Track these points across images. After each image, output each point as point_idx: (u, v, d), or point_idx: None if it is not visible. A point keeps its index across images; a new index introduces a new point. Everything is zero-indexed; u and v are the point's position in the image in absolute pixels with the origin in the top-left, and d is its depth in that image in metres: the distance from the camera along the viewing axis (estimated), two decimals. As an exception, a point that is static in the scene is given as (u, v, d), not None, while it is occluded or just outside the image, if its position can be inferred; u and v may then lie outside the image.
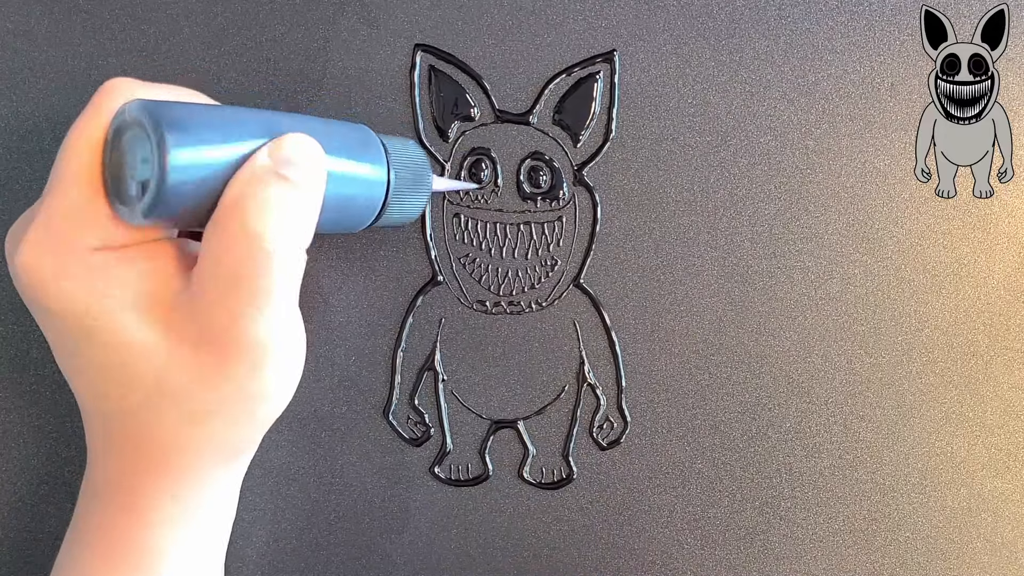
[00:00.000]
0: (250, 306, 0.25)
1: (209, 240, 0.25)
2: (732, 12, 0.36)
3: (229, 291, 0.25)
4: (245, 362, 0.25)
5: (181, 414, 0.26)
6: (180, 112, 0.24)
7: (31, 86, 0.35)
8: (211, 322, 0.25)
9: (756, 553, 0.36)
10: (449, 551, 0.36)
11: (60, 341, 0.27)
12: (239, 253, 0.25)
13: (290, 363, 0.27)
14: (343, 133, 0.29)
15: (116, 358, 0.26)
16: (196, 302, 0.25)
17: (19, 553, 0.36)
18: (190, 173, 0.24)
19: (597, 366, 0.36)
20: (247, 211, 0.24)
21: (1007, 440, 0.36)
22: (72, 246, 0.25)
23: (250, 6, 0.35)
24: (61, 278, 0.25)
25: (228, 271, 0.25)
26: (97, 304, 0.25)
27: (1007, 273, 0.36)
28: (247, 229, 0.24)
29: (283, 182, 0.25)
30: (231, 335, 0.25)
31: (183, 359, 0.25)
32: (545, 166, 0.36)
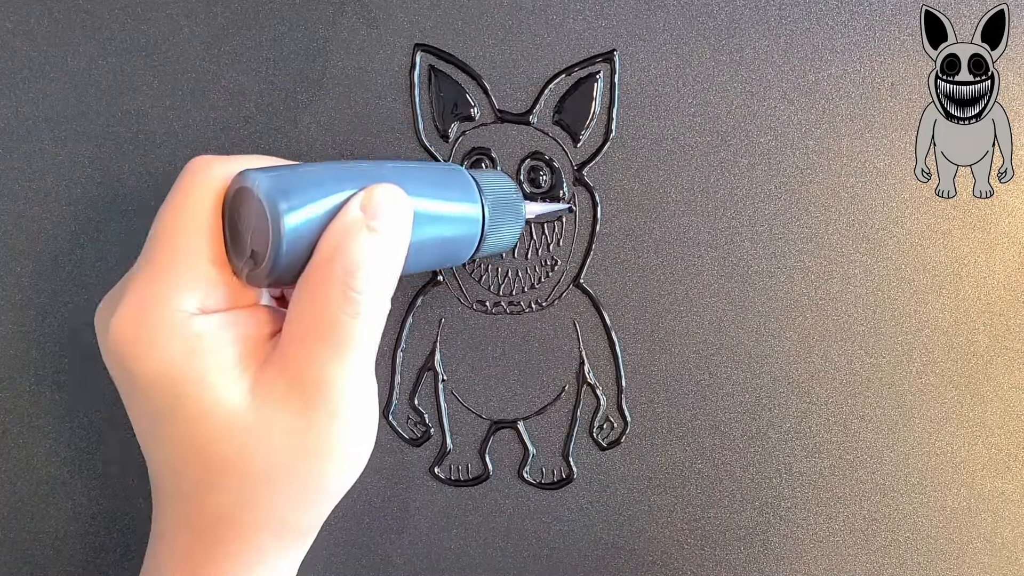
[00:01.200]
0: (339, 354, 0.26)
1: (301, 291, 0.26)
2: (732, 12, 0.36)
3: (319, 338, 0.26)
4: (324, 409, 0.26)
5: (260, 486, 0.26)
6: (291, 180, 0.26)
7: (31, 86, 0.35)
8: (299, 373, 0.26)
9: (756, 553, 0.36)
10: (449, 551, 0.36)
11: (146, 413, 0.27)
12: (332, 302, 0.26)
13: (366, 422, 0.28)
14: (436, 176, 0.30)
15: (202, 434, 0.26)
16: (285, 356, 0.26)
17: (19, 553, 0.36)
18: (301, 237, 0.26)
19: (597, 366, 0.36)
20: (340, 262, 0.26)
21: (1007, 440, 0.36)
22: (169, 312, 0.26)
23: (250, 6, 0.35)
24: (157, 346, 0.26)
25: (320, 319, 0.26)
26: (191, 370, 0.26)
27: (1007, 273, 0.36)
28: (340, 280, 0.26)
29: (371, 233, 0.26)
30: (318, 383, 0.26)
31: (268, 419, 0.26)
32: (545, 166, 0.36)
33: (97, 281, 0.35)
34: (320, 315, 0.26)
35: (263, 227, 0.25)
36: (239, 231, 0.26)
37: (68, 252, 0.35)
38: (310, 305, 0.26)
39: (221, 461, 0.26)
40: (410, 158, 0.36)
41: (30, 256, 0.36)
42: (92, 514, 0.36)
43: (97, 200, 0.35)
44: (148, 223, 0.27)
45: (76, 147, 0.35)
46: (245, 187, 0.26)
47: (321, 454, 0.27)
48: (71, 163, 0.35)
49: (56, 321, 0.35)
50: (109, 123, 0.35)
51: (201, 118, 0.35)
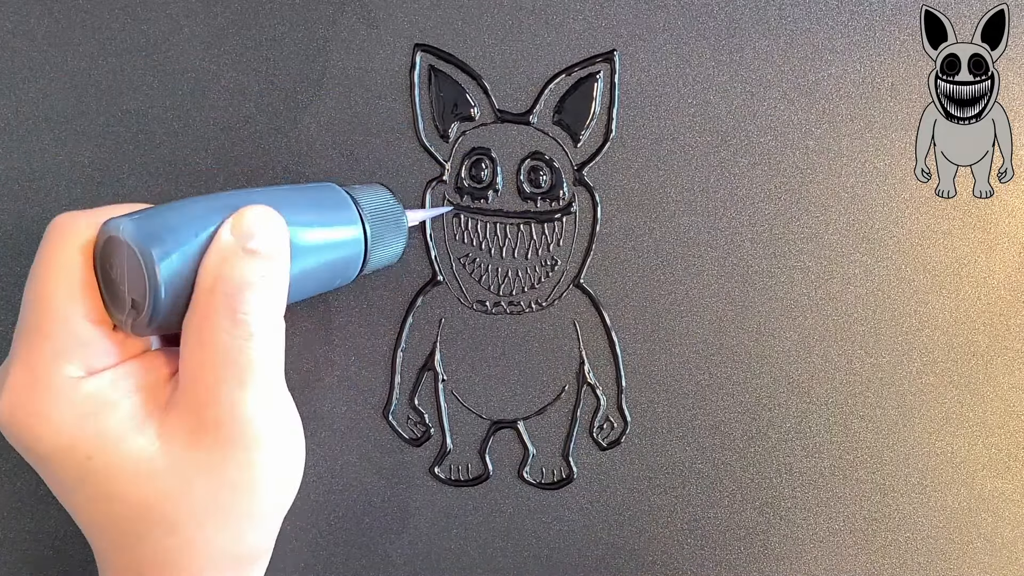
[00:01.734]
0: (239, 384, 0.25)
1: (189, 327, 0.25)
2: (732, 12, 0.36)
3: (215, 371, 0.25)
4: (237, 443, 0.26)
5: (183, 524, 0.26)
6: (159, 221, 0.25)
7: (31, 86, 0.35)
8: (203, 410, 0.25)
9: (756, 553, 0.36)
10: (449, 551, 0.36)
11: (60, 486, 0.27)
12: (222, 332, 0.25)
13: (284, 447, 0.27)
14: (310, 197, 0.29)
15: (117, 489, 0.25)
16: (187, 396, 0.26)
17: (19, 553, 0.36)
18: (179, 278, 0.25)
19: (597, 366, 0.36)
20: (220, 290, 0.25)
21: (1007, 440, 0.36)
22: (57, 382, 0.25)
23: (250, 6, 0.35)
24: (52, 419, 0.25)
25: (213, 351, 0.25)
26: (90, 433, 0.25)
27: (1007, 273, 0.36)
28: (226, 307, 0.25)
29: (249, 256, 0.25)
30: (223, 418, 0.25)
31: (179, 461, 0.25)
32: (545, 166, 0.36)
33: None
34: (213, 347, 0.25)
35: (138, 274, 0.24)
36: (114, 282, 0.25)
37: (68, 252, 0.35)
38: (200, 340, 0.25)
39: (143, 512, 0.26)
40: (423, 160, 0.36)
41: (30, 256, 0.35)
42: (92, 514, 0.36)
43: (97, 200, 0.35)
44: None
45: (76, 147, 0.35)
46: (113, 236, 0.25)
47: (244, 485, 0.26)
48: (71, 163, 0.35)
49: (56, 321, 0.35)
50: (109, 123, 0.35)
51: (201, 118, 0.35)
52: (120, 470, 0.25)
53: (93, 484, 0.26)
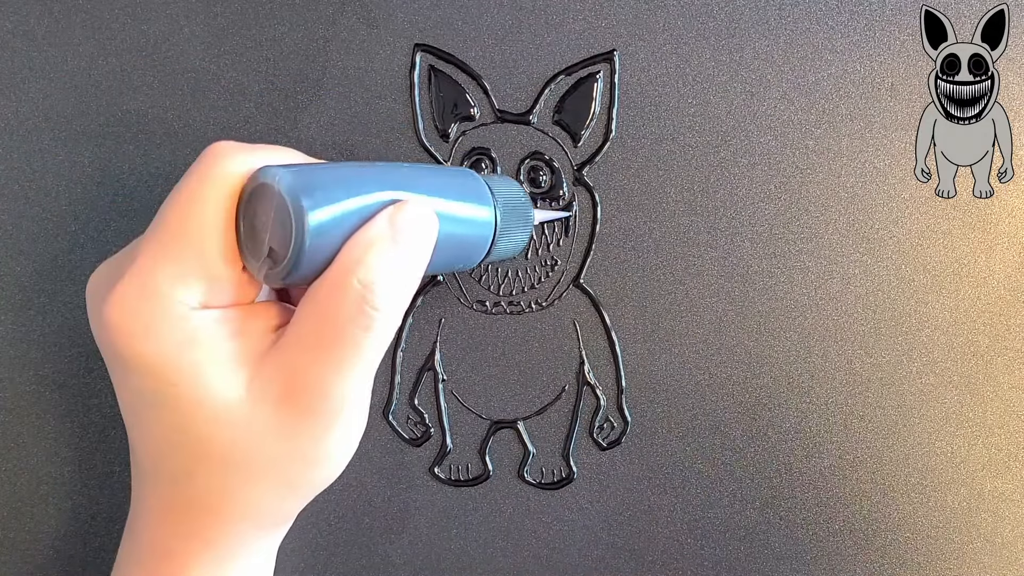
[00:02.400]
0: (344, 365, 0.25)
1: (316, 296, 0.25)
2: (732, 12, 0.36)
3: (326, 348, 0.25)
4: (322, 420, 0.26)
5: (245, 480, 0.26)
6: (314, 178, 0.25)
7: (31, 86, 0.35)
8: (299, 377, 0.26)
9: (756, 553, 0.36)
10: (449, 551, 0.36)
11: (134, 398, 0.27)
12: (346, 313, 0.25)
13: (355, 429, 0.27)
14: (454, 180, 0.30)
15: (192, 423, 0.26)
16: (285, 358, 0.26)
17: (19, 553, 0.36)
18: (324, 237, 0.25)
19: (597, 366, 0.36)
20: (361, 274, 0.25)
21: (1007, 440, 0.36)
22: (169, 303, 0.25)
23: (250, 6, 0.35)
24: (153, 336, 0.25)
25: (331, 328, 0.25)
26: (187, 366, 0.25)
27: (1007, 273, 0.36)
28: (358, 292, 0.25)
29: (396, 249, 0.26)
30: (317, 391, 0.26)
31: (260, 416, 0.26)
32: (545, 166, 0.36)
33: (97, 281, 0.35)
34: (330, 324, 0.25)
35: (285, 225, 0.25)
36: (255, 229, 0.26)
37: (68, 252, 0.35)
38: (321, 312, 0.25)
39: (207, 450, 0.26)
40: (422, 160, 0.36)
41: (30, 256, 0.36)
42: (92, 514, 0.36)
43: (97, 200, 0.35)
44: (148, 224, 0.27)
45: (76, 147, 0.35)
46: (265, 183, 0.25)
47: (309, 459, 0.27)
48: (71, 163, 0.35)
49: (56, 321, 0.35)
50: (109, 123, 0.35)
51: (201, 118, 0.35)
52: (200, 407, 0.25)
53: (170, 412, 0.26)
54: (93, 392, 0.36)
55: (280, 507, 0.28)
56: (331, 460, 0.27)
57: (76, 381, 0.35)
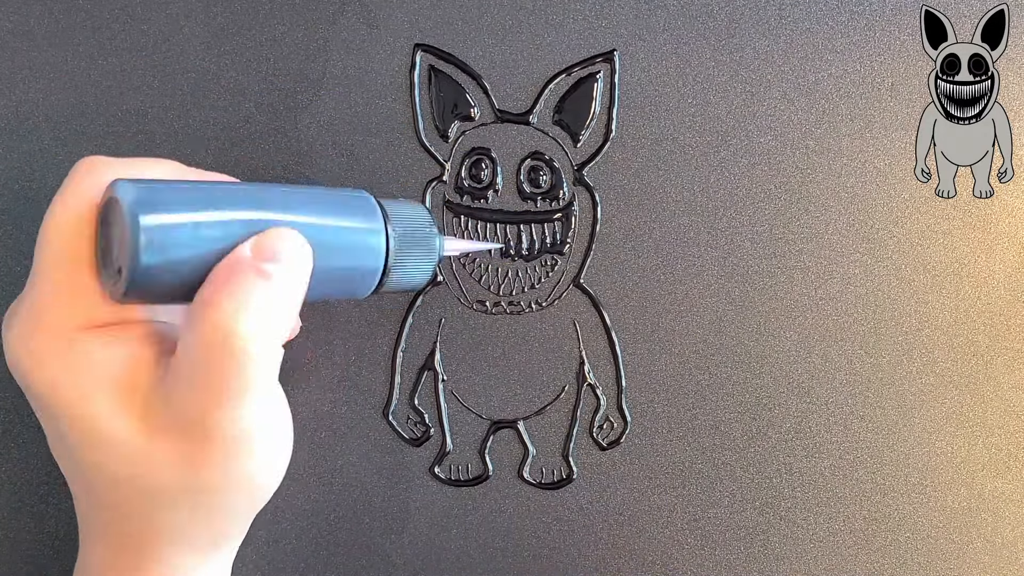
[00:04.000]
0: (223, 402, 0.24)
1: (184, 332, 0.25)
2: (732, 12, 0.36)
3: (202, 386, 0.24)
4: (218, 454, 0.25)
5: (155, 505, 0.26)
6: (162, 193, 0.24)
7: (31, 86, 0.35)
8: (185, 413, 0.25)
9: (756, 553, 0.36)
10: (449, 551, 0.36)
11: (47, 427, 0.27)
12: (213, 351, 0.24)
13: (269, 453, 0.26)
14: (334, 201, 0.28)
15: (92, 448, 0.25)
16: (171, 391, 0.25)
17: (19, 553, 0.36)
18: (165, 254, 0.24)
19: (597, 366, 0.36)
20: (222, 309, 0.24)
21: (1007, 440, 0.36)
22: (56, 327, 0.25)
23: (250, 6, 0.35)
24: (44, 362, 0.25)
25: (201, 367, 0.24)
26: (76, 389, 0.25)
27: (1007, 273, 0.36)
28: (221, 327, 0.24)
29: (262, 279, 0.24)
30: (203, 428, 0.25)
31: (158, 452, 0.25)
32: (545, 166, 0.36)
33: (97, 281, 0.35)
34: (199, 361, 0.24)
35: (126, 240, 0.23)
36: (109, 245, 0.25)
37: (68, 252, 0.35)
38: (189, 346, 0.24)
39: (114, 482, 0.25)
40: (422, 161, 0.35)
41: (30, 256, 0.35)
42: (92, 514, 0.36)
43: (97, 200, 0.35)
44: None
45: (76, 147, 0.35)
46: (114, 197, 0.24)
47: (222, 487, 0.26)
48: (71, 163, 0.35)
49: (56, 321, 0.35)
50: (109, 123, 0.35)
51: (201, 118, 0.35)
52: (97, 437, 0.25)
53: (73, 441, 0.25)
54: (93, 392, 0.35)
55: (210, 529, 0.27)
56: (249, 485, 0.26)
57: (76, 381, 0.35)
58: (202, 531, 0.27)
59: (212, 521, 0.27)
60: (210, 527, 0.27)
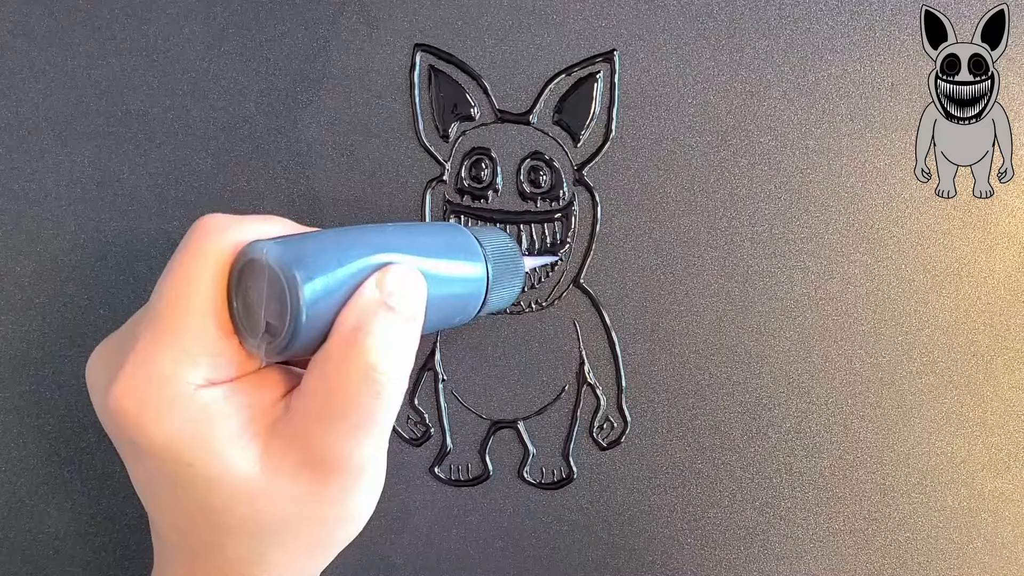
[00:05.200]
0: (358, 432, 0.26)
1: (321, 368, 0.26)
2: (732, 12, 0.36)
3: (339, 418, 0.25)
4: (342, 486, 0.26)
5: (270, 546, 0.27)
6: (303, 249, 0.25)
7: (31, 86, 0.35)
8: (315, 447, 0.26)
9: (756, 553, 0.36)
10: (449, 551, 0.36)
11: (150, 479, 0.27)
12: (354, 383, 0.25)
13: (376, 486, 0.28)
14: (440, 237, 0.30)
15: (213, 499, 0.26)
16: (297, 427, 0.26)
17: (19, 553, 0.36)
18: (319, 306, 0.25)
19: (597, 366, 0.36)
20: (362, 343, 0.25)
21: (1007, 440, 0.36)
22: (175, 385, 0.25)
23: (250, 6, 0.35)
24: (163, 420, 0.25)
25: (341, 399, 0.25)
26: (200, 445, 0.25)
27: (1007, 273, 0.36)
28: (363, 360, 0.25)
29: (391, 313, 0.26)
30: (335, 460, 0.26)
31: (279, 488, 0.26)
32: (545, 166, 0.36)
33: (97, 281, 0.35)
34: (339, 394, 0.25)
35: (280, 299, 0.25)
36: (250, 305, 0.26)
37: (68, 252, 0.35)
38: (329, 384, 0.25)
39: (232, 523, 0.26)
40: (422, 161, 0.36)
41: (30, 256, 0.36)
42: (92, 514, 0.36)
43: (97, 200, 0.35)
44: (148, 224, 0.27)
45: (76, 147, 0.35)
46: (255, 259, 0.25)
47: (332, 520, 0.27)
48: (71, 163, 0.35)
49: (56, 321, 0.35)
50: (109, 123, 0.35)
51: (201, 118, 0.35)
52: (219, 483, 0.26)
53: (190, 490, 0.26)
54: (93, 392, 0.36)
55: (309, 566, 0.28)
56: (354, 519, 0.28)
57: (76, 381, 0.35)
58: (302, 567, 0.28)
59: (315, 554, 0.28)
60: (311, 561, 0.28)
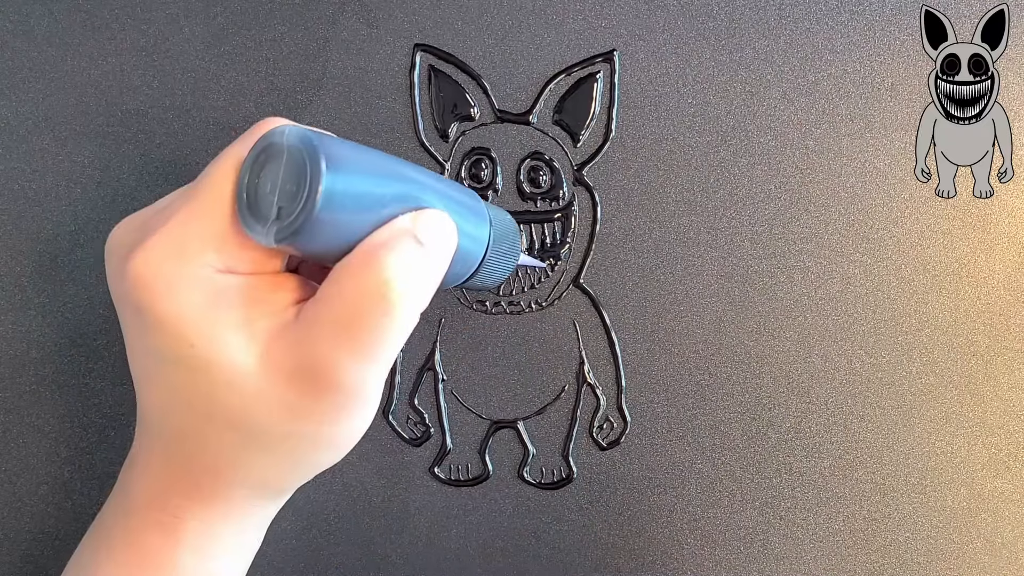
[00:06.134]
0: (360, 350, 0.25)
1: (338, 279, 0.26)
2: (732, 12, 0.36)
3: (344, 332, 0.25)
4: (333, 404, 0.26)
5: (249, 447, 0.26)
6: (340, 148, 0.25)
7: (31, 86, 0.35)
8: (314, 358, 0.25)
9: (756, 553, 0.36)
10: (449, 551, 0.36)
11: (148, 353, 0.27)
12: (367, 297, 0.25)
13: (365, 417, 0.27)
14: (459, 192, 0.29)
15: (205, 384, 0.26)
16: (302, 336, 0.26)
17: (19, 553, 0.36)
18: (335, 208, 0.25)
19: (597, 366, 0.36)
20: (383, 260, 0.25)
21: (1007, 440, 0.36)
22: (197, 263, 0.25)
23: (250, 6, 0.35)
24: (177, 295, 0.25)
25: (351, 312, 0.25)
26: (207, 328, 0.25)
27: (1007, 273, 0.36)
28: (381, 276, 0.25)
29: (419, 246, 0.26)
30: (332, 374, 0.26)
31: (272, 391, 0.26)
32: (545, 166, 0.36)
33: (97, 281, 0.35)
34: (350, 305, 0.25)
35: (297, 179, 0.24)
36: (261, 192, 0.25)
37: (68, 252, 0.35)
38: (342, 291, 0.25)
39: (217, 412, 0.26)
40: (423, 161, 0.36)
41: (30, 256, 0.36)
42: (92, 514, 0.36)
43: (97, 200, 0.35)
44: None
45: (76, 147, 0.35)
46: (274, 142, 0.25)
47: (314, 439, 0.27)
48: (71, 163, 0.35)
49: (56, 321, 0.35)
50: (109, 123, 0.35)
51: (201, 118, 0.35)
52: (215, 370, 0.25)
53: (184, 370, 0.26)
54: (93, 392, 0.36)
55: (281, 480, 0.28)
56: (337, 446, 0.27)
57: (76, 381, 0.35)
58: (279, 479, 0.28)
59: (294, 470, 0.28)
60: (289, 475, 0.28)
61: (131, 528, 0.28)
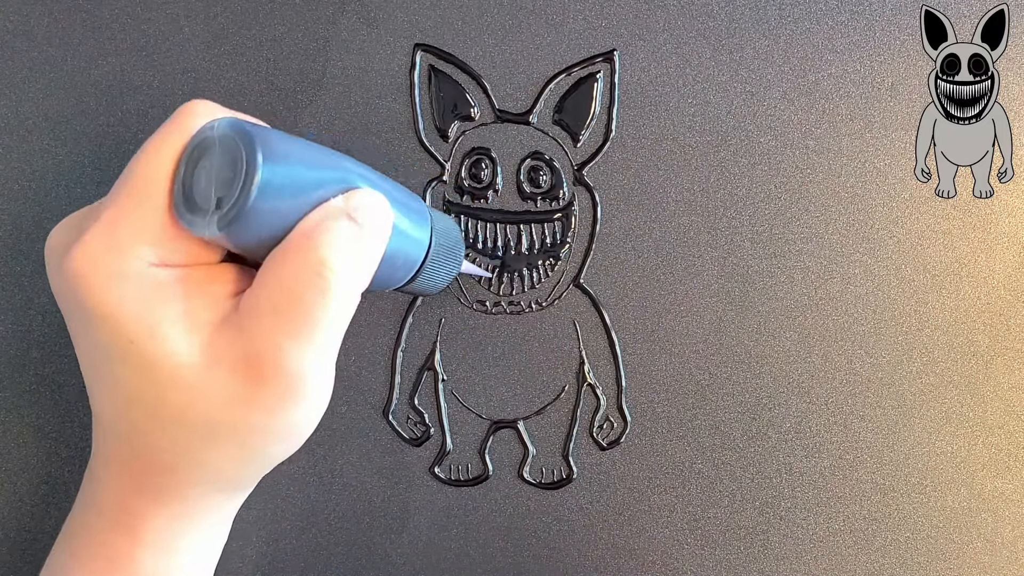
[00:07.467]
0: (299, 333, 0.25)
1: (272, 264, 0.25)
2: (732, 12, 0.36)
3: (282, 315, 0.25)
4: (279, 393, 0.26)
5: (200, 442, 0.26)
6: (275, 138, 0.25)
7: (31, 86, 0.35)
8: (255, 346, 0.25)
9: (756, 553, 0.36)
10: (449, 551, 0.36)
11: (93, 352, 0.27)
12: (302, 279, 0.25)
13: (317, 404, 0.27)
14: (400, 191, 0.29)
15: (147, 379, 0.25)
16: (243, 325, 0.26)
17: (19, 553, 0.36)
18: (271, 198, 0.25)
19: (597, 366, 0.36)
20: (317, 240, 0.25)
21: (1007, 440, 0.36)
22: (132, 257, 0.25)
23: (250, 6, 0.35)
24: (115, 287, 0.25)
25: (288, 295, 0.25)
26: (145, 323, 0.25)
27: (1007, 273, 0.36)
28: (314, 256, 0.25)
29: (353, 224, 0.26)
30: (274, 360, 0.25)
31: (216, 382, 0.25)
32: (545, 166, 0.36)
33: (97, 281, 0.35)
34: (287, 288, 0.25)
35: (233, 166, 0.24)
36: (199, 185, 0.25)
37: (68, 252, 0.35)
38: (279, 275, 0.25)
39: (163, 410, 0.26)
40: (423, 161, 0.36)
41: (30, 256, 0.36)
42: (92, 514, 0.36)
43: (97, 200, 0.35)
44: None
45: (76, 147, 0.35)
46: (209, 136, 0.25)
47: (264, 431, 0.26)
48: (71, 163, 0.35)
49: (56, 321, 0.35)
50: (109, 123, 0.35)
51: (201, 118, 0.35)
52: (156, 367, 0.25)
53: (127, 368, 0.25)
54: (93, 392, 0.36)
55: (237, 474, 0.28)
56: (289, 436, 0.27)
57: (76, 381, 0.35)
58: (235, 473, 0.27)
59: (249, 464, 0.27)
60: (245, 469, 0.27)
61: (95, 532, 0.28)
